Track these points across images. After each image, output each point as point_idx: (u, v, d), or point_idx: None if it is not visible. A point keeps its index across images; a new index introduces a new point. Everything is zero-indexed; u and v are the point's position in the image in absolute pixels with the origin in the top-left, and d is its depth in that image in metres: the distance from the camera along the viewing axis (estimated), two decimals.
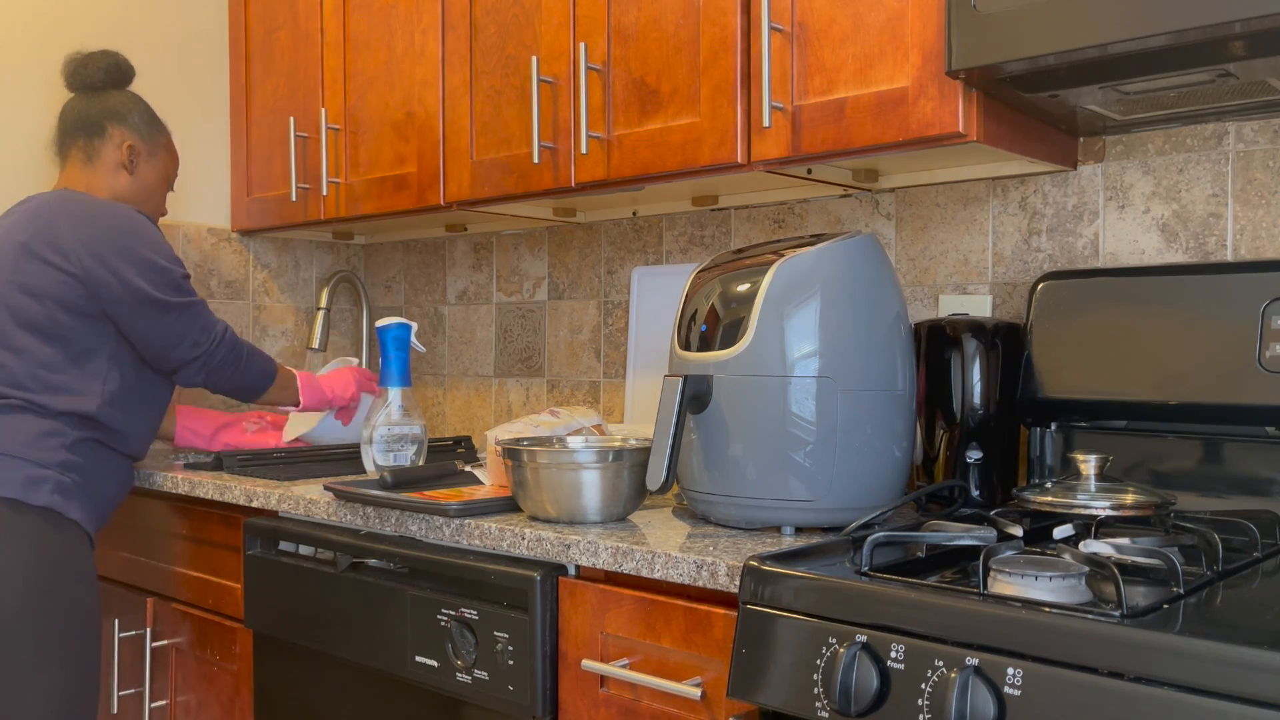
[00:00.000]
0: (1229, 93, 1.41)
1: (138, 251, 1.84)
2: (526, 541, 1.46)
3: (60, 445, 1.79)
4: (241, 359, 1.96)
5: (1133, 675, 0.91)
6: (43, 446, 1.78)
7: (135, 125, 2.03)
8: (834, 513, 1.41)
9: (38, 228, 1.84)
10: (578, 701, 1.41)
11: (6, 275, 1.82)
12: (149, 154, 2.04)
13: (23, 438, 1.77)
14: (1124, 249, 1.64)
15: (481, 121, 2.03)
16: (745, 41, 1.63)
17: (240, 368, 1.96)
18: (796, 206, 2.01)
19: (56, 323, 1.81)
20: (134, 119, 2.03)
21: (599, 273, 2.35)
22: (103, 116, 2.01)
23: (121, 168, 2.01)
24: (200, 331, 1.90)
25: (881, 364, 1.43)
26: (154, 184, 2.06)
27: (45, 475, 1.76)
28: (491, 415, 2.58)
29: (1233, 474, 1.42)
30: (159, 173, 2.07)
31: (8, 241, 1.84)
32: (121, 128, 2.01)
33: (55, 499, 1.76)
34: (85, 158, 2.00)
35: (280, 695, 1.85)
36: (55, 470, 1.78)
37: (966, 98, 1.42)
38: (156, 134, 2.06)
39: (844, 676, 1.05)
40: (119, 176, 2.01)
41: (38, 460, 1.77)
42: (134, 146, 2.01)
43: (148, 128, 2.05)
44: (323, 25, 2.36)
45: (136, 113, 2.04)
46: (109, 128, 2.00)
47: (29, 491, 1.74)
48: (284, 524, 1.82)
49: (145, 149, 2.04)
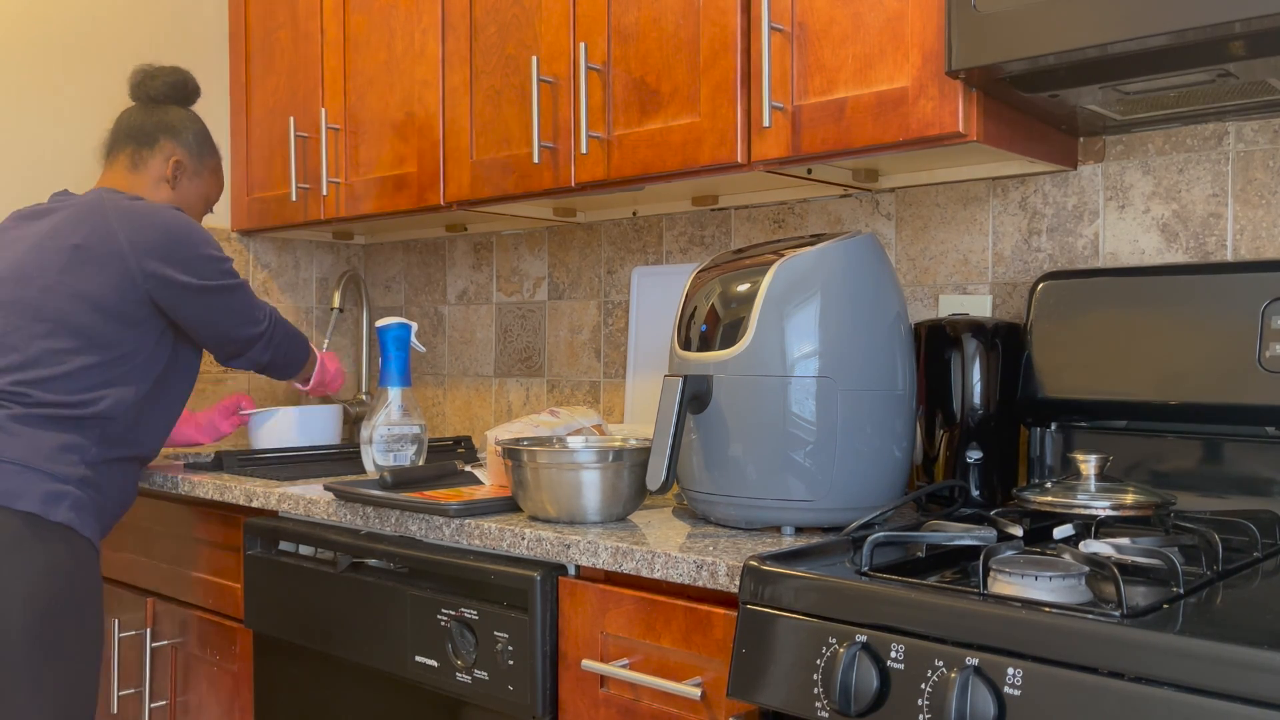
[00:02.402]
0: (1229, 93, 1.41)
1: (190, 247, 1.86)
2: (526, 541, 1.46)
3: (80, 460, 1.77)
4: (292, 333, 2.02)
5: (1133, 675, 0.91)
6: (63, 461, 1.75)
7: (187, 143, 2.05)
8: (834, 513, 1.41)
9: (91, 227, 1.82)
10: (578, 701, 1.41)
11: (56, 277, 1.80)
12: (194, 173, 2.06)
13: (44, 451, 1.74)
14: (1124, 249, 1.64)
15: (481, 121, 2.03)
16: (745, 41, 1.63)
17: (295, 342, 2.03)
18: (796, 206, 2.01)
19: (100, 329, 1.79)
20: (187, 137, 2.05)
21: (599, 273, 2.35)
22: (158, 129, 2.03)
23: (164, 181, 2.02)
24: (256, 308, 1.95)
25: (881, 364, 1.43)
26: (193, 202, 2.08)
27: (65, 491, 1.73)
28: (491, 415, 2.58)
29: (1233, 474, 1.42)
30: (200, 193, 2.09)
31: (60, 242, 1.82)
32: (173, 142, 2.03)
33: (73, 516, 1.73)
34: (131, 164, 2.01)
35: (280, 695, 1.85)
36: (75, 486, 1.75)
37: (966, 98, 1.42)
38: (206, 156, 2.08)
39: (844, 676, 1.05)
40: (160, 189, 2.02)
41: (58, 475, 1.73)
42: (181, 162, 2.03)
43: (199, 148, 2.07)
44: (323, 25, 2.36)
45: (192, 132, 2.06)
46: (161, 140, 2.02)
47: (49, 507, 1.71)
48: (284, 524, 1.82)
49: (192, 167, 2.05)
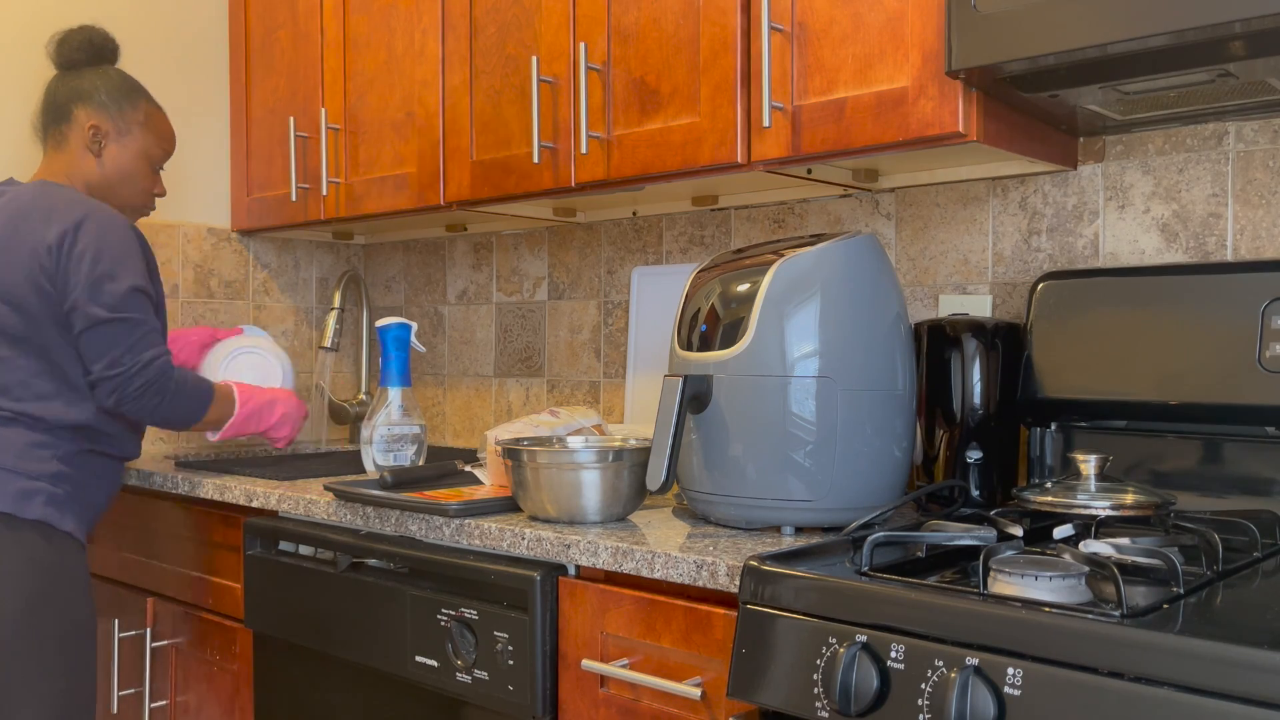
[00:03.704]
0: (1229, 93, 1.40)
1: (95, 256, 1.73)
2: (526, 541, 1.46)
3: (52, 456, 1.76)
4: (167, 394, 1.78)
5: (1133, 675, 0.91)
6: (34, 458, 1.75)
7: (100, 103, 1.88)
8: (834, 513, 1.41)
9: (13, 228, 1.76)
10: (578, 701, 1.41)
11: None
12: (118, 133, 1.89)
13: (14, 450, 1.74)
14: (1124, 249, 1.64)
15: (481, 121, 2.03)
16: (745, 41, 1.63)
17: (164, 400, 1.79)
18: (796, 206, 2.01)
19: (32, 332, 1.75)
20: (100, 97, 1.88)
21: (599, 273, 2.35)
22: (69, 98, 1.87)
23: (88, 151, 1.88)
24: (125, 352, 1.74)
25: (881, 364, 1.43)
26: (129, 166, 1.91)
27: (38, 488, 1.73)
28: (491, 415, 2.58)
29: (1233, 474, 1.42)
30: (133, 151, 1.91)
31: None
32: (86, 108, 1.87)
33: (49, 511, 1.73)
34: (56, 144, 1.89)
35: (280, 695, 1.85)
36: (47, 482, 1.75)
37: (966, 98, 1.42)
38: (128, 109, 1.90)
39: (844, 676, 1.05)
40: (86, 161, 1.88)
41: (29, 473, 1.74)
42: (98, 127, 1.87)
43: (116, 104, 1.89)
44: (323, 25, 2.36)
45: (104, 89, 1.88)
46: (74, 110, 1.87)
47: (21, 505, 1.71)
48: (284, 524, 1.82)
49: (114, 128, 1.89)
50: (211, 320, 2.60)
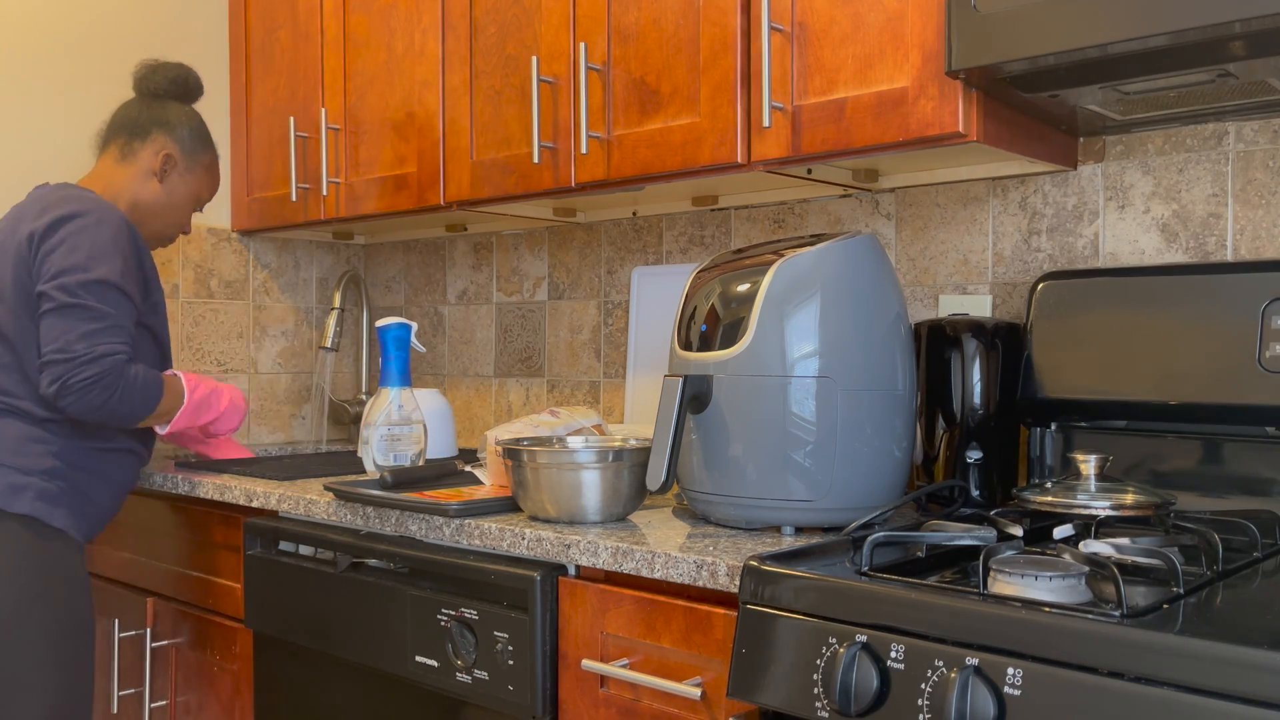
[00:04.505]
0: (1229, 93, 1.40)
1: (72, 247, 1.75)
2: (526, 541, 1.46)
3: (46, 452, 1.77)
4: (116, 391, 1.73)
5: (1133, 675, 0.91)
6: (27, 453, 1.76)
7: (180, 138, 2.00)
8: (834, 513, 1.41)
9: (12, 228, 1.82)
10: (578, 701, 1.41)
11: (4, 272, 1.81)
12: (185, 169, 2.01)
13: (8, 444, 1.75)
14: (1124, 249, 1.64)
15: (481, 121, 2.03)
16: (745, 41, 1.63)
17: (112, 397, 1.73)
18: (796, 206, 2.01)
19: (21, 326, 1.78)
20: (182, 132, 2.01)
21: (599, 273, 2.35)
22: (152, 122, 1.99)
23: (152, 174, 1.98)
24: (77, 340, 1.71)
25: (881, 364, 1.43)
26: (181, 199, 2.02)
27: (28, 483, 1.74)
28: (491, 415, 2.58)
29: (1233, 474, 1.42)
30: (190, 190, 2.03)
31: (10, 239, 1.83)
32: (166, 136, 1.99)
33: (38, 506, 1.74)
34: (120, 156, 1.97)
35: (280, 695, 1.85)
36: (38, 477, 1.75)
37: (966, 98, 1.42)
38: (200, 152, 2.03)
39: (844, 676, 1.05)
40: (148, 183, 1.98)
41: (20, 467, 1.75)
42: (171, 156, 1.98)
43: (192, 144, 2.02)
44: (323, 25, 2.36)
45: (187, 128, 2.02)
46: (154, 133, 1.98)
47: (10, 499, 1.72)
48: (284, 524, 1.82)
49: (183, 163, 2.01)
50: (212, 320, 2.60)
